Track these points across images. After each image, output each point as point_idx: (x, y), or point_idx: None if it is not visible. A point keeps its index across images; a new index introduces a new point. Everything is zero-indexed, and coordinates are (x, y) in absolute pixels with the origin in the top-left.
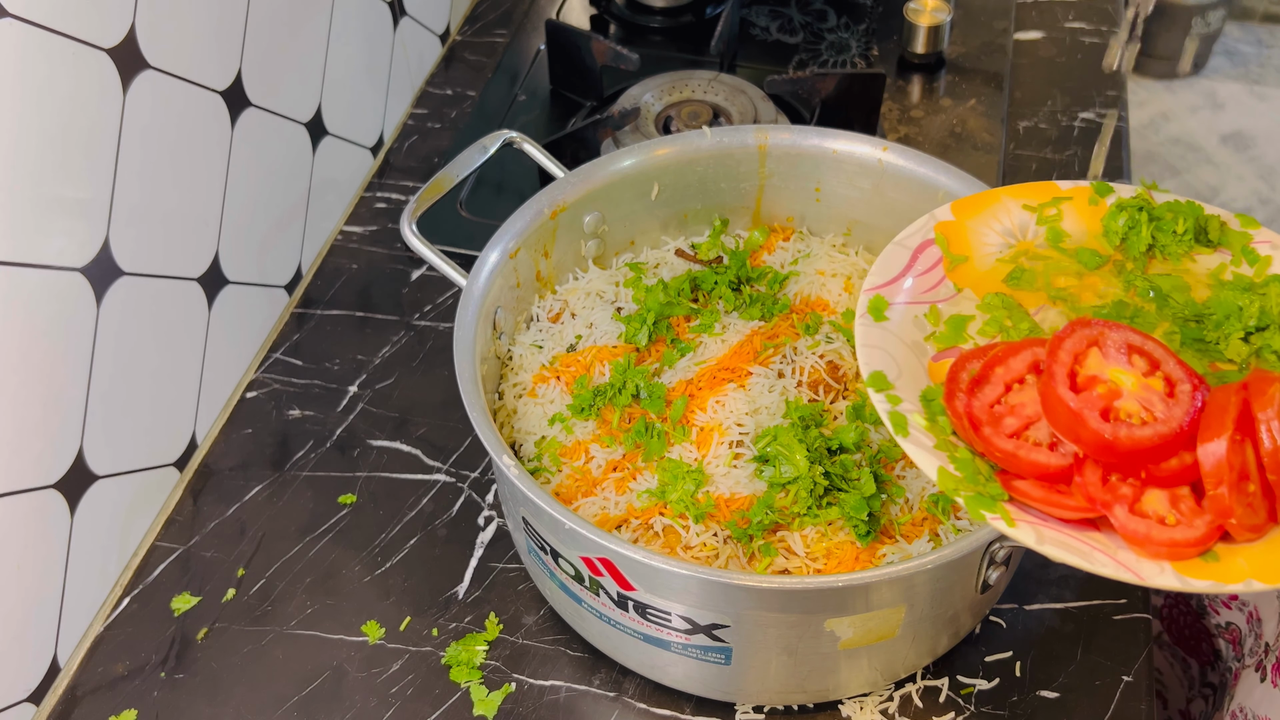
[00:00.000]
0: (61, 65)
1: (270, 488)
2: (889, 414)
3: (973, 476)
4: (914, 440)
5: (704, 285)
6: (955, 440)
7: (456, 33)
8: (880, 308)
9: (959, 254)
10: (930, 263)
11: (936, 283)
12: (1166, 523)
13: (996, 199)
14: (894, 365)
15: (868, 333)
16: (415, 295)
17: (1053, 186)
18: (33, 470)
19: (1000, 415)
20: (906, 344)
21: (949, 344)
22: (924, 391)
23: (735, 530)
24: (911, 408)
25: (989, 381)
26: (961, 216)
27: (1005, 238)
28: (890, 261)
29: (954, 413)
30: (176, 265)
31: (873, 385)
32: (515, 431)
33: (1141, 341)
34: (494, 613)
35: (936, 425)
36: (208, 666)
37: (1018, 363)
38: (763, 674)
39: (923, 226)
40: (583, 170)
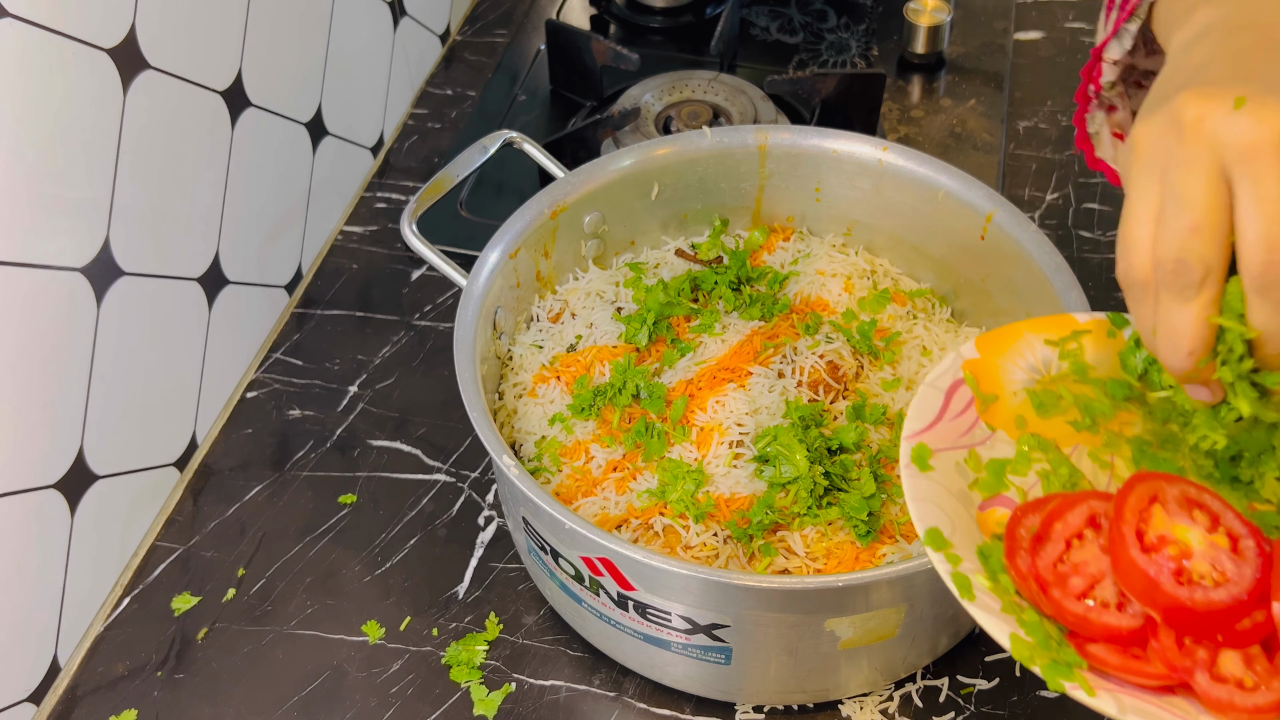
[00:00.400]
0: (61, 65)
1: (270, 488)
2: (951, 575)
3: (1045, 642)
4: (980, 604)
5: (704, 285)
6: (1020, 601)
7: (456, 33)
8: (924, 457)
9: (989, 393)
10: (963, 404)
11: (971, 425)
12: (1245, 686)
13: (1019, 335)
14: (946, 519)
15: (916, 485)
16: (415, 295)
17: (1070, 320)
18: (33, 470)
19: (1065, 575)
20: (953, 493)
21: (992, 491)
22: (980, 547)
23: (735, 530)
24: (972, 567)
25: (1050, 539)
26: (987, 354)
27: (1030, 374)
28: (925, 405)
29: (1018, 572)
30: (176, 265)
31: (930, 544)
32: (515, 431)
33: (1198, 494)
34: (494, 613)
35: (999, 585)
36: (208, 666)
37: (1075, 517)
38: (763, 674)
39: (951, 365)
40: (583, 170)
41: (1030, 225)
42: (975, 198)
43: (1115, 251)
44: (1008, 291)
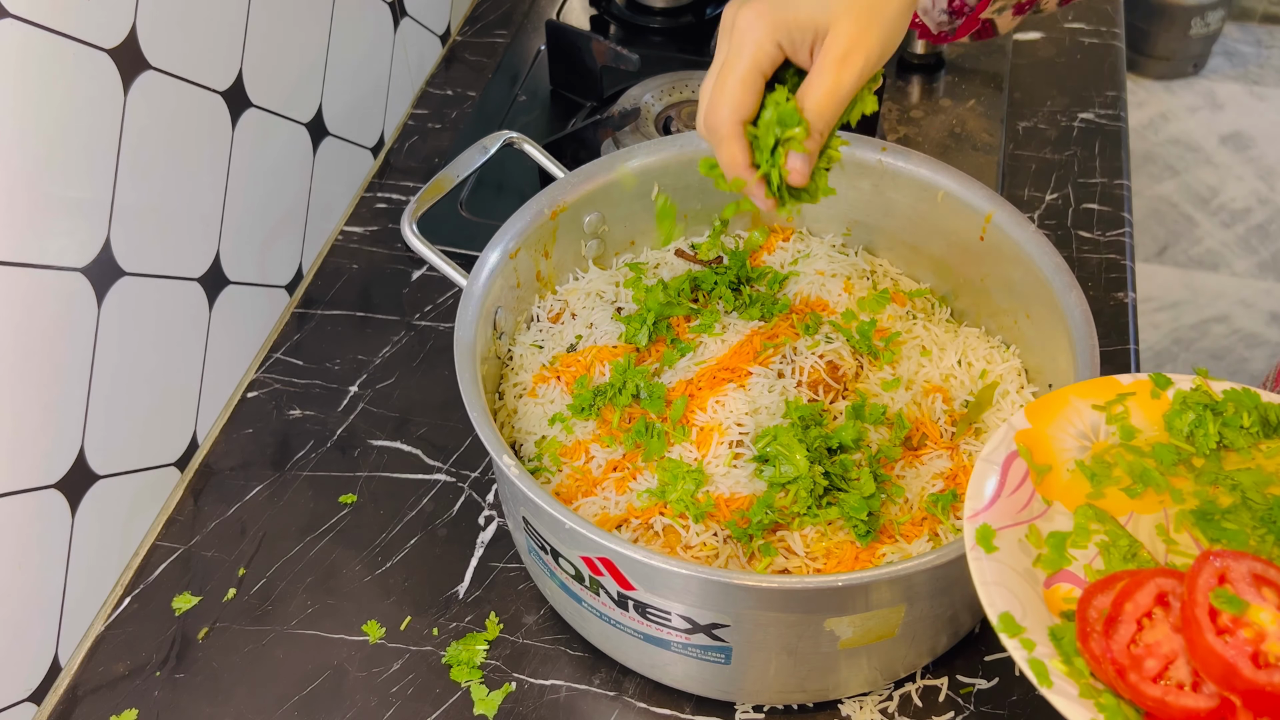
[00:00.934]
0: (62, 65)
1: (271, 487)
2: (1028, 661)
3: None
4: (1059, 690)
5: (704, 285)
6: (1095, 684)
7: (457, 33)
8: (989, 537)
9: (1043, 464)
10: (1019, 477)
11: (1029, 499)
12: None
13: (1066, 401)
14: (1016, 602)
15: (983, 568)
16: (415, 295)
17: (1114, 382)
18: (33, 470)
19: (1140, 657)
20: (1019, 573)
21: (1055, 567)
22: (1052, 629)
23: (735, 530)
24: (1046, 651)
25: (1121, 620)
26: (1038, 423)
27: (1081, 440)
28: (982, 481)
29: (1092, 656)
30: (177, 265)
31: (1005, 630)
32: (515, 431)
33: (1265, 569)
34: (494, 612)
35: (1074, 668)
36: (208, 666)
37: (1144, 596)
38: (763, 673)
39: (1004, 438)
40: (583, 170)
41: (1030, 225)
42: (975, 198)
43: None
44: (1007, 291)
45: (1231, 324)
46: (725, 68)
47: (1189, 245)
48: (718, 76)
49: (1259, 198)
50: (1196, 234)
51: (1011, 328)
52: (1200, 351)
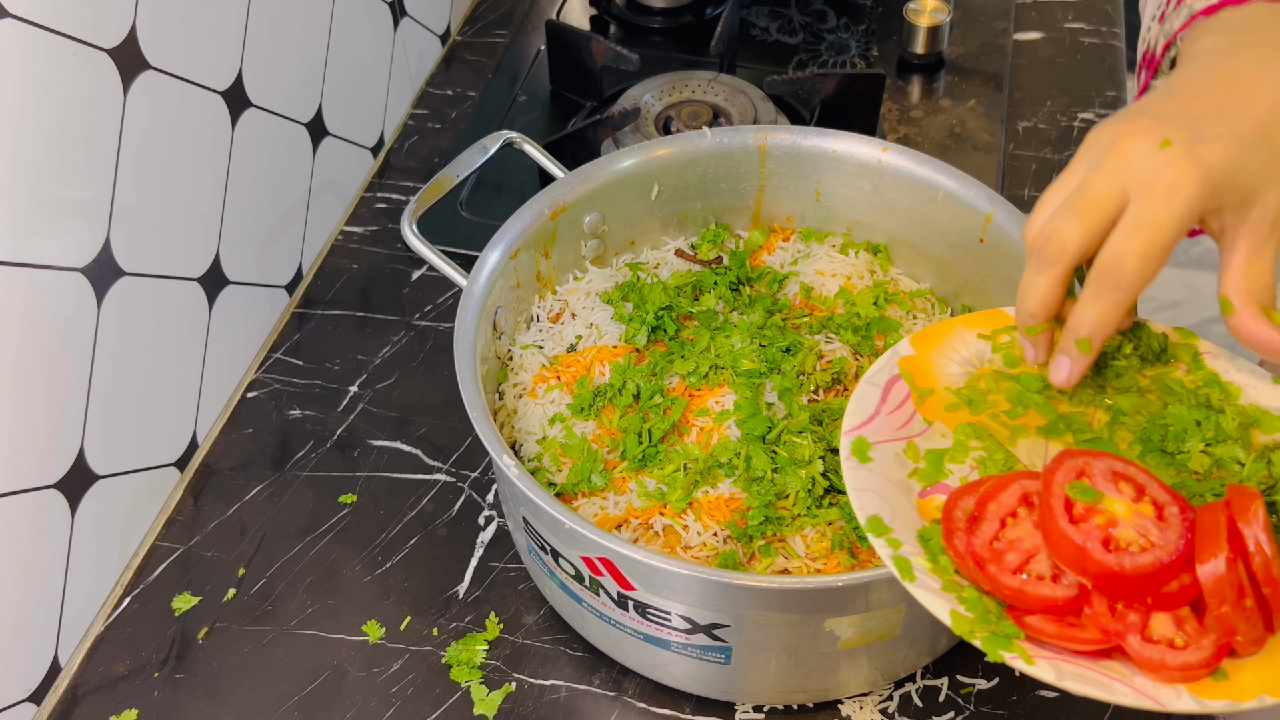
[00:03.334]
0: (62, 65)
1: (271, 487)
2: (892, 558)
3: (984, 617)
4: (921, 584)
5: (704, 285)
6: (959, 580)
7: (456, 33)
8: (863, 449)
9: (925, 387)
10: (900, 398)
11: (909, 418)
12: (1176, 646)
13: (952, 329)
14: (886, 507)
15: (856, 475)
16: (415, 295)
17: (1001, 314)
18: (33, 470)
19: (1001, 551)
20: (893, 482)
21: (932, 480)
22: (920, 531)
23: (735, 530)
24: (912, 550)
25: (985, 518)
26: (922, 349)
27: (964, 366)
28: (864, 400)
29: (955, 552)
30: (177, 265)
31: (871, 530)
32: (515, 431)
33: (1124, 468)
34: (494, 612)
35: (939, 565)
36: (208, 666)
37: (1008, 497)
38: (763, 674)
39: (888, 362)
40: (583, 170)
41: None
42: (975, 198)
43: None
44: (1008, 291)
45: None
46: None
47: (1189, 245)
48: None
49: None
50: None
51: None
52: None
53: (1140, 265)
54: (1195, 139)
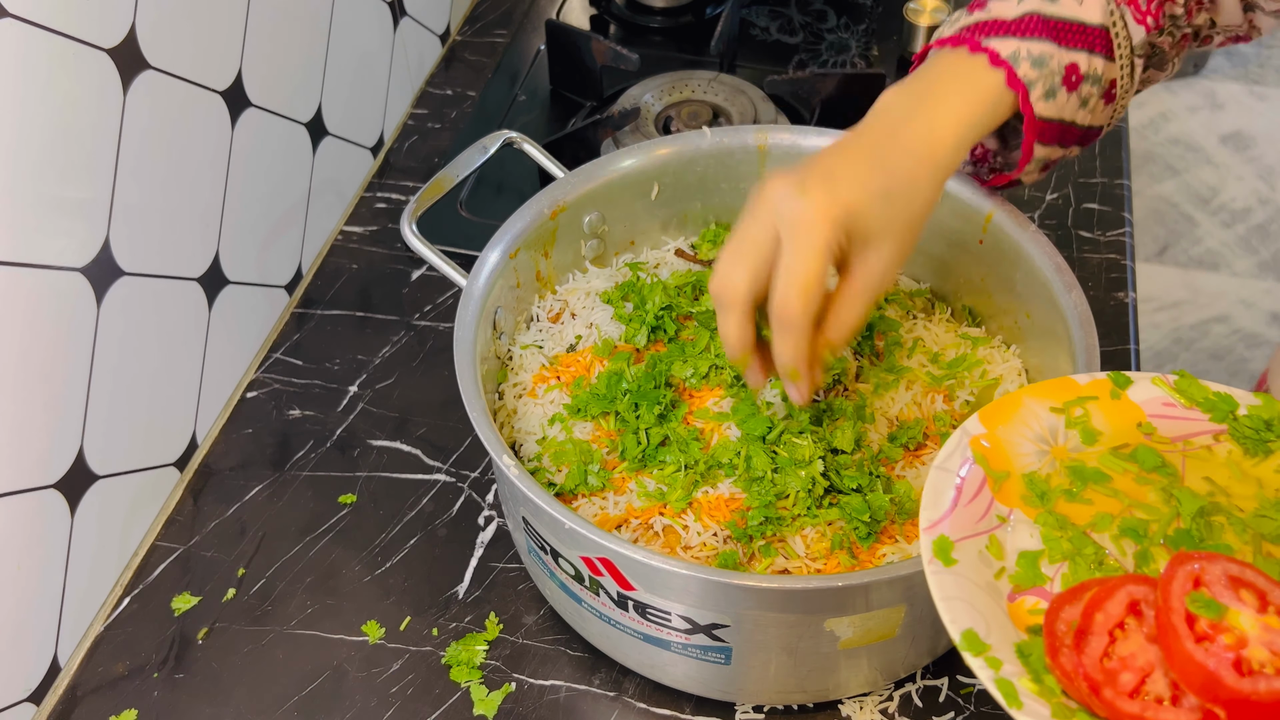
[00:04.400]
0: (61, 65)
1: (270, 487)
2: (994, 681)
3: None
4: (1029, 711)
5: (704, 285)
6: (1068, 702)
7: (456, 33)
8: (947, 550)
9: (1000, 470)
10: (976, 485)
11: (987, 507)
12: None
13: (1019, 403)
14: (980, 618)
15: (943, 582)
16: (415, 295)
17: (1071, 383)
18: (33, 470)
19: (1114, 671)
20: (981, 586)
21: (1029, 584)
22: (1019, 645)
23: (735, 530)
24: (1014, 670)
25: (1093, 632)
26: (992, 427)
27: (1039, 444)
28: (939, 490)
29: (1063, 672)
30: (177, 265)
31: (968, 648)
32: (515, 431)
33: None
34: (494, 612)
35: (1044, 687)
36: (208, 666)
37: (1115, 606)
38: (762, 674)
39: (959, 444)
40: (583, 170)
41: (1030, 225)
42: (975, 198)
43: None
44: (1007, 291)
45: (1232, 324)
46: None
47: (1189, 245)
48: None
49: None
50: (1197, 234)
51: (1011, 328)
52: (1200, 352)
53: (803, 302)
54: (831, 187)
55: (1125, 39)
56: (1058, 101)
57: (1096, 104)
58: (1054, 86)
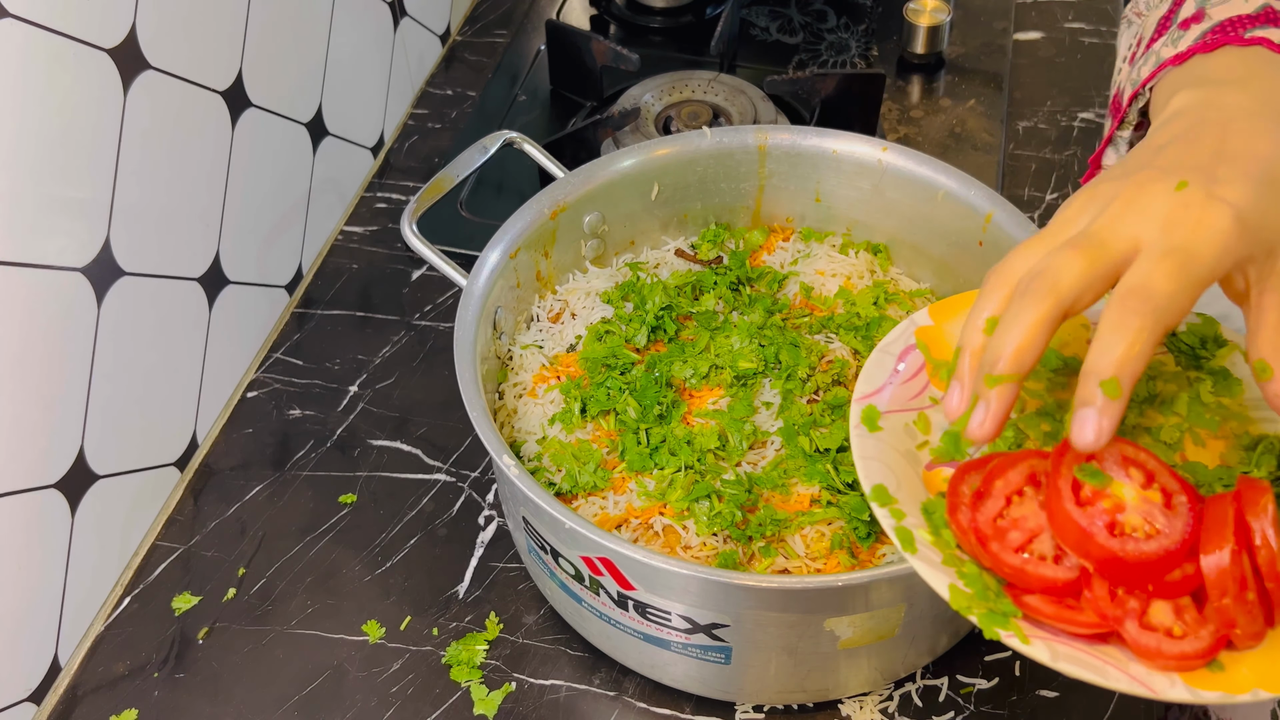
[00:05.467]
0: (62, 65)
1: (271, 487)
2: (895, 529)
3: (983, 593)
4: (922, 556)
5: (704, 285)
6: (960, 554)
7: (456, 33)
8: (873, 418)
9: (940, 359)
10: (914, 368)
11: (922, 389)
12: (1174, 634)
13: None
14: (892, 477)
15: (864, 444)
16: (415, 295)
17: None
18: (33, 470)
19: (1004, 529)
20: (900, 452)
21: (948, 458)
22: (924, 504)
23: (735, 530)
24: (915, 522)
25: (991, 495)
26: (939, 320)
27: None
28: (877, 369)
29: (959, 527)
30: (177, 265)
31: (875, 499)
32: (515, 431)
33: (1135, 453)
34: (494, 612)
35: (941, 539)
36: (208, 666)
37: (1016, 475)
38: (763, 673)
39: (904, 332)
40: (583, 170)
41: (1030, 225)
42: (975, 198)
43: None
44: None
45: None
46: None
47: None
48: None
49: None
50: None
51: None
52: None
53: (1174, 287)
54: (1211, 181)
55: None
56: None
57: None
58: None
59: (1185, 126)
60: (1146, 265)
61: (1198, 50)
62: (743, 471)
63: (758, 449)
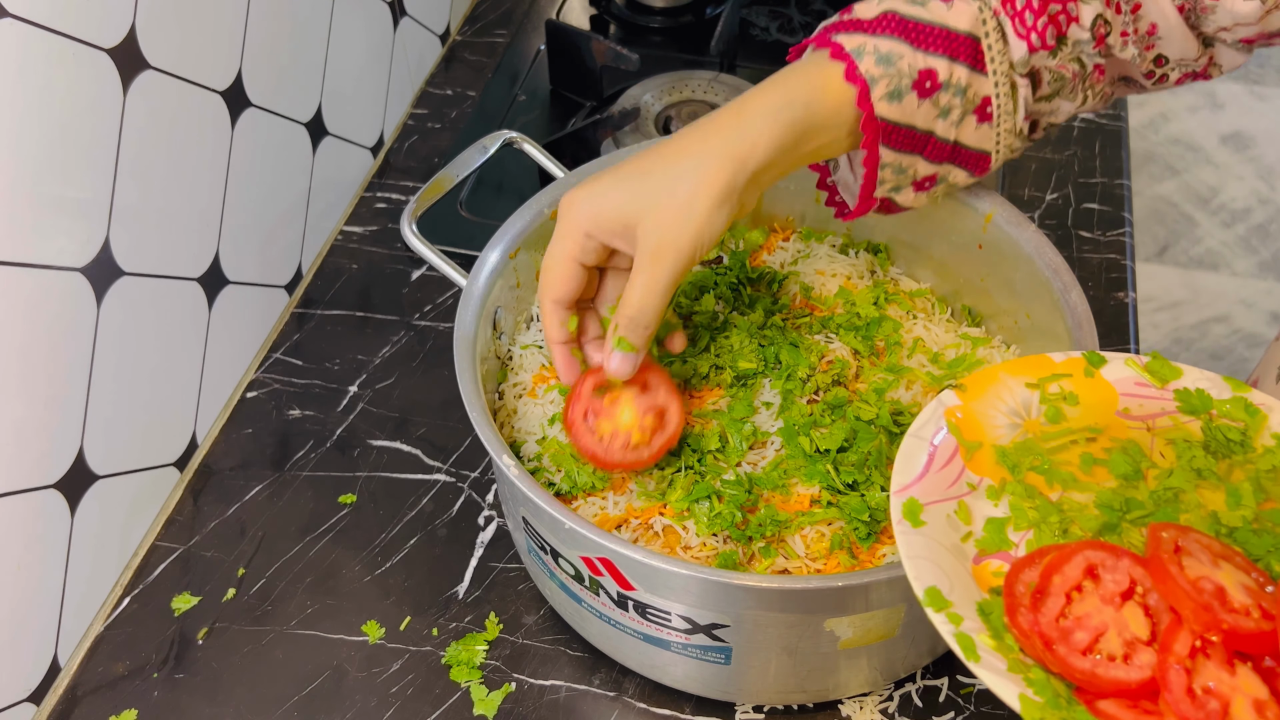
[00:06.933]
0: (61, 65)
1: (270, 487)
2: (954, 636)
3: (1054, 701)
4: (986, 665)
5: (704, 285)
6: (1024, 659)
7: (456, 33)
8: (915, 512)
9: (973, 440)
10: (948, 454)
11: (958, 475)
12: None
13: (996, 378)
14: (944, 577)
15: (910, 542)
16: (415, 295)
17: (1047, 361)
18: (33, 470)
19: (1069, 630)
20: (947, 548)
21: (994, 549)
22: (980, 604)
23: (735, 531)
24: (974, 626)
25: (1050, 593)
26: (967, 399)
27: (1011, 418)
28: (911, 457)
29: (1020, 630)
30: (177, 265)
31: (930, 604)
32: (515, 431)
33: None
34: (494, 612)
35: (1003, 644)
36: (208, 666)
37: (1073, 570)
38: (762, 674)
39: (933, 415)
40: (583, 170)
41: (1030, 225)
42: (975, 198)
43: None
44: (1007, 291)
45: (1232, 324)
46: (550, 249)
47: (1189, 245)
48: (546, 254)
49: (1259, 198)
50: (1197, 234)
51: (1011, 328)
52: (1200, 351)
53: (543, 276)
54: (590, 184)
55: (1001, 52)
56: (904, 105)
57: (964, 119)
58: (901, 88)
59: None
60: None
61: (807, 43)
62: (743, 472)
63: (758, 449)
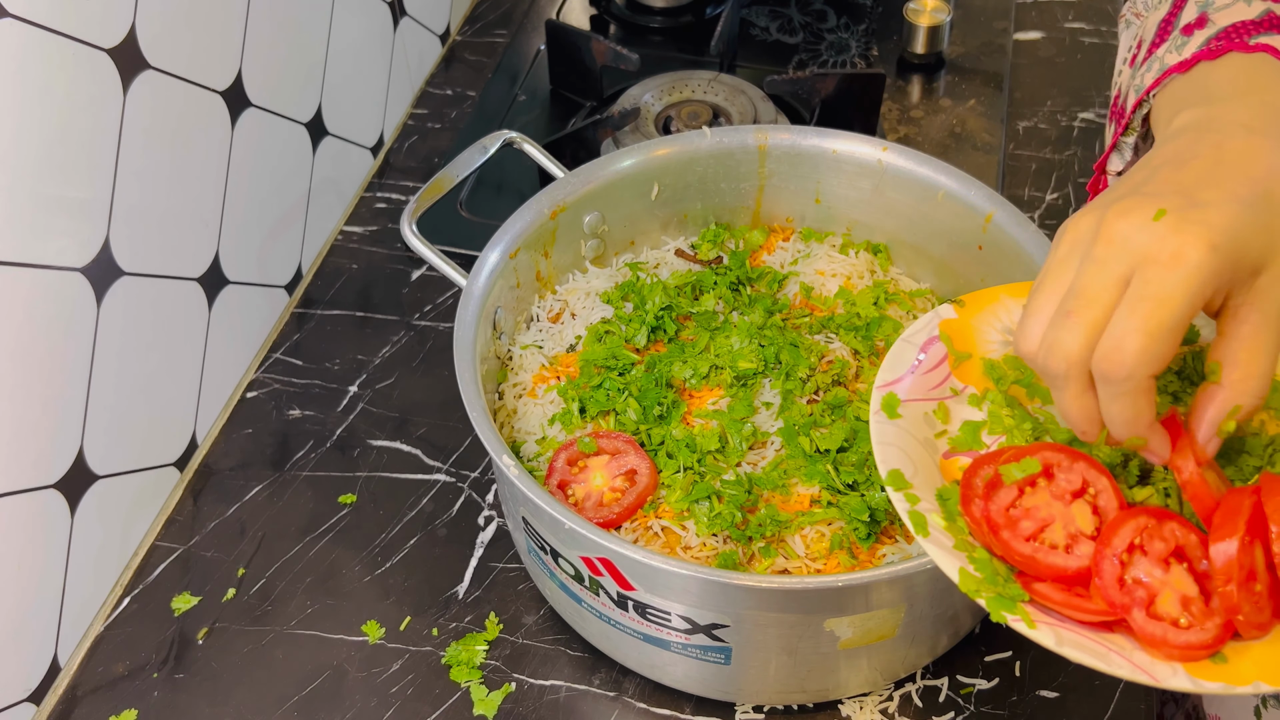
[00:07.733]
0: (61, 65)
1: (270, 487)
2: (908, 513)
3: (992, 578)
4: (934, 540)
5: (704, 285)
6: (973, 541)
7: (456, 33)
8: (893, 405)
9: (963, 351)
10: (936, 359)
11: (943, 379)
12: (1180, 625)
13: (996, 298)
14: (909, 463)
15: (883, 430)
16: (415, 295)
17: None
18: (33, 470)
19: (1016, 519)
20: (919, 440)
21: (966, 447)
22: (939, 490)
23: (735, 530)
24: (929, 507)
25: (1003, 485)
26: (964, 314)
27: (1005, 335)
28: (899, 358)
29: (971, 517)
30: (177, 265)
31: (891, 483)
32: (515, 431)
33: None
34: (494, 612)
35: (954, 526)
36: (208, 666)
37: None
38: (762, 674)
39: (928, 323)
40: (583, 170)
41: (1030, 225)
42: (975, 198)
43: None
44: None
45: None
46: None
47: None
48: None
49: None
50: None
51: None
52: None
53: (1143, 344)
54: (1191, 205)
55: None
56: None
57: None
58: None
59: (1180, 147)
60: (1119, 323)
61: (1203, 57)
62: (743, 472)
63: (758, 449)
